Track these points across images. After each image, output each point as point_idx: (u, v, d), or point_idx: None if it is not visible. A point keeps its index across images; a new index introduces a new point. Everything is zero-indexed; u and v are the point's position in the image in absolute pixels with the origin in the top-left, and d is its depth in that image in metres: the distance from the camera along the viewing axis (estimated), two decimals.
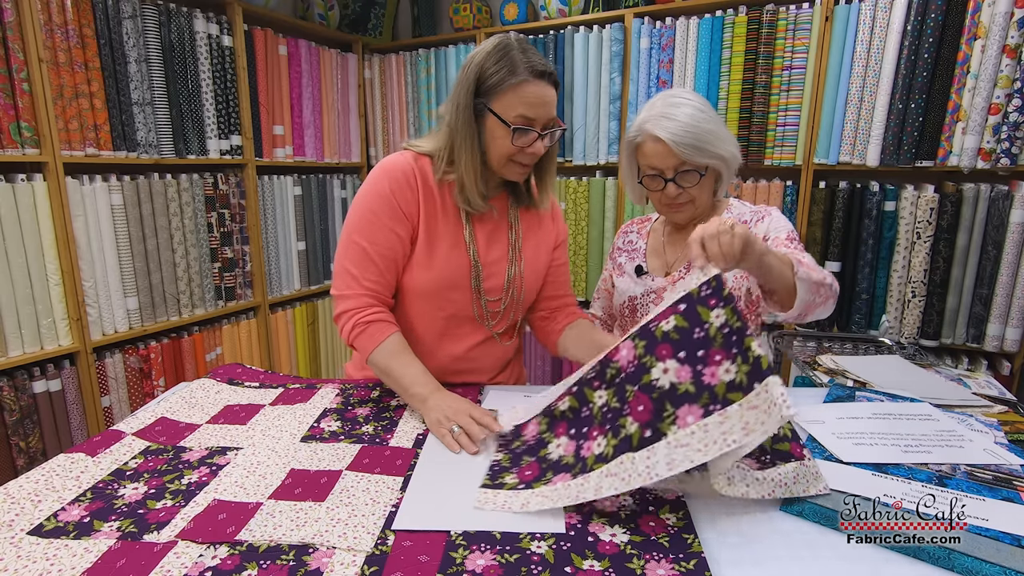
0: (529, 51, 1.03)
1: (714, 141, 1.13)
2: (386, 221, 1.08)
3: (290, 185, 2.75)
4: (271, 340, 2.71)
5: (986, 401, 1.18)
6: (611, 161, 2.61)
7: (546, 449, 0.87)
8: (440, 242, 1.12)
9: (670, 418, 0.73)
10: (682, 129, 1.11)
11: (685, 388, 0.74)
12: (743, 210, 1.26)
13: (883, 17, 2.05)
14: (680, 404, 0.73)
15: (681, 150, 1.11)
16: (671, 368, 0.76)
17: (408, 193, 1.09)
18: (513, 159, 1.07)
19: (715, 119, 1.16)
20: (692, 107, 1.13)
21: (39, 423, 1.90)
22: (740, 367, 0.73)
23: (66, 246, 1.89)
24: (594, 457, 0.78)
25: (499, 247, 1.18)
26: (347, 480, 0.83)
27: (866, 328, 2.26)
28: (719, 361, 0.74)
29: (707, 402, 0.73)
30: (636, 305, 1.30)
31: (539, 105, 1.03)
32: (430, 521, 0.73)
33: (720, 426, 0.70)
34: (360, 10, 3.04)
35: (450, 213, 1.13)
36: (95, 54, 1.93)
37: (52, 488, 0.80)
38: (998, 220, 1.99)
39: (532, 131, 1.04)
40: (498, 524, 0.72)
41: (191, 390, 1.14)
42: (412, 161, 1.11)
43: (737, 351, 0.73)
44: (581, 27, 2.56)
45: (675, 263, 1.28)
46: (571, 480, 0.77)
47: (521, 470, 0.83)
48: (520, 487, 0.79)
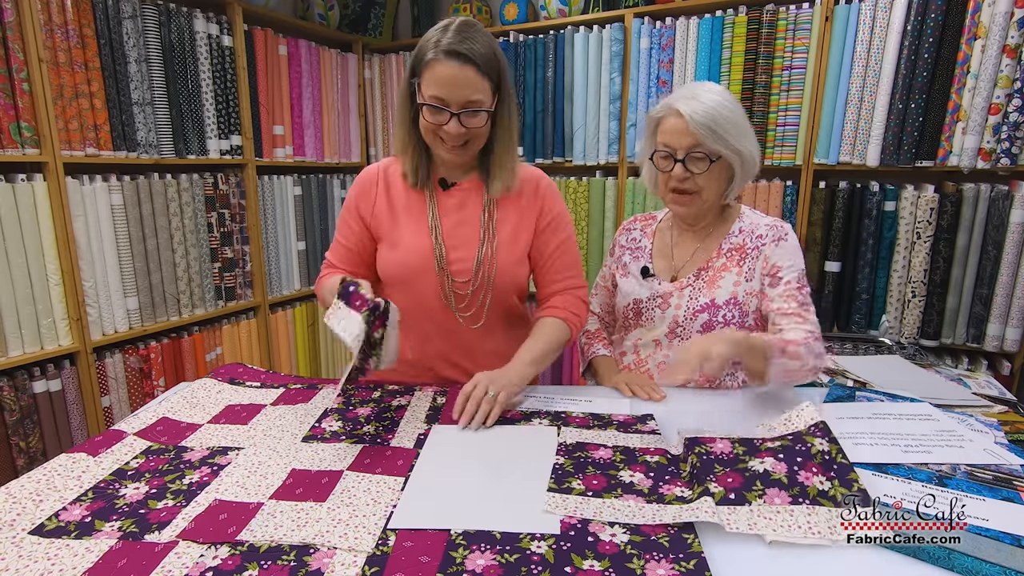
0: (465, 32, 1.03)
1: (733, 132, 1.13)
2: (350, 222, 1.24)
3: (290, 185, 2.76)
4: (271, 340, 2.71)
5: (986, 401, 1.18)
6: (611, 161, 2.61)
7: (616, 471, 0.84)
8: (404, 231, 1.19)
9: (759, 492, 0.75)
10: (704, 110, 1.11)
11: (778, 477, 0.77)
12: (756, 220, 1.24)
13: (883, 17, 2.05)
14: (771, 486, 0.76)
15: (698, 129, 1.11)
16: (768, 463, 0.80)
17: (364, 195, 1.22)
18: (437, 137, 1.10)
19: (740, 115, 1.16)
20: (721, 96, 1.14)
21: (39, 423, 1.90)
22: (836, 487, 0.74)
23: (66, 246, 1.89)
24: (673, 496, 0.77)
25: (468, 229, 1.18)
26: (348, 480, 0.83)
27: (866, 328, 2.26)
28: (816, 472, 0.77)
29: (797, 494, 0.74)
30: (641, 309, 1.27)
31: (447, 85, 1.03)
32: (428, 520, 0.73)
33: (807, 517, 0.71)
34: (360, 10, 3.04)
35: (415, 205, 1.20)
36: (95, 54, 1.93)
37: (53, 488, 0.80)
38: (998, 220, 1.99)
39: (444, 111, 1.05)
40: (497, 524, 0.72)
41: (192, 390, 1.14)
42: (383, 167, 1.23)
43: (836, 476, 0.76)
44: (581, 27, 2.56)
45: (683, 268, 1.26)
46: (645, 504, 0.76)
47: (588, 478, 0.82)
48: (589, 494, 0.78)
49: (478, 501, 0.78)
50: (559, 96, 2.66)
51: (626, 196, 2.61)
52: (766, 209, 2.36)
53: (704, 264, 1.24)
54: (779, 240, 1.19)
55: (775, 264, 1.18)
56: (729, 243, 1.23)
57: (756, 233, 1.22)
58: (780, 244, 1.19)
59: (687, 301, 1.22)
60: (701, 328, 1.20)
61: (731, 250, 1.23)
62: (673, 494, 0.78)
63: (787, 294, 1.15)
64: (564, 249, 1.24)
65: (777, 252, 1.18)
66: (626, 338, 1.32)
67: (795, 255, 1.19)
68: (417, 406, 1.08)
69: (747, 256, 1.21)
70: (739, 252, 1.22)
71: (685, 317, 1.21)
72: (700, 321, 1.20)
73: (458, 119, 1.05)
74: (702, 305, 1.20)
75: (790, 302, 1.14)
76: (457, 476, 0.85)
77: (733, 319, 1.19)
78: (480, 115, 1.07)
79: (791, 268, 1.17)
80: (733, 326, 1.19)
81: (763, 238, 1.20)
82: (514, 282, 1.21)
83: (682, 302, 1.22)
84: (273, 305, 2.73)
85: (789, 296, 1.14)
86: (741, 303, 1.19)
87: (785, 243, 1.19)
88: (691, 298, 1.22)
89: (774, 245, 1.19)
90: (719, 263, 1.22)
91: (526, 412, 1.05)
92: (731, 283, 1.20)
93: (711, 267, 1.23)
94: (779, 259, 1.18)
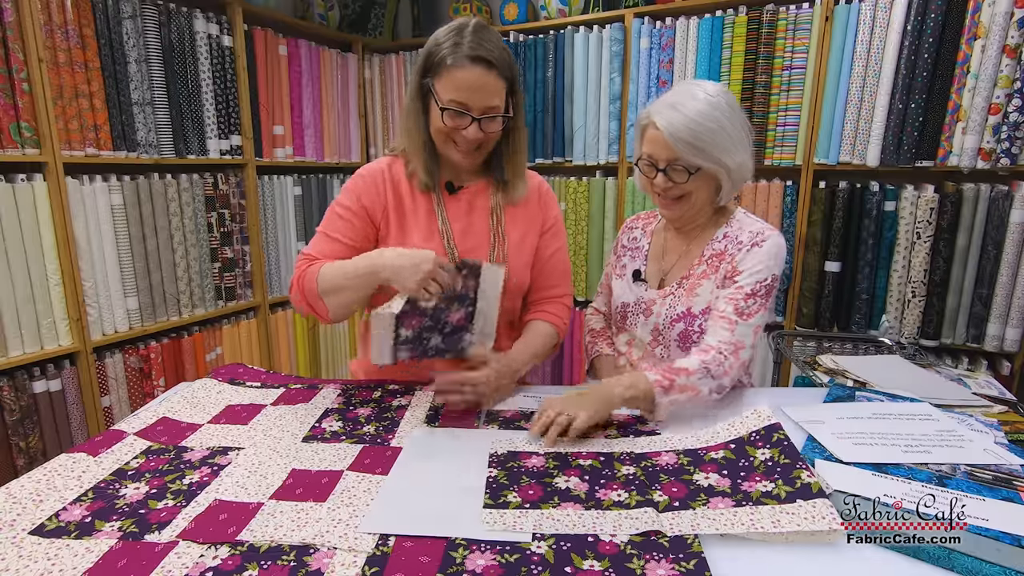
0: (481, 35, 1.02)
1: (718, 144, 1.07)
2: (343, 212, 1.14)
3: (290, 185, 2.76)
4: (271, 340, 2.71)
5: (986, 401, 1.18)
6: (611, 161, 2.61)
7: (552, 478, 0.83)
8: (411, 237, 1.14)
9: (702, 502, 0.76)
10: (684, 125, 1.06)
11: (722, 489, 0.78)
12: (744, 226, 1.18)
13: (883, 17, 2.05)
14: (714, 496, 0.77)
15: (676, 144, 1.07)
16: (712, 478, 0.81)
17: (374, 191, 1.14)
18: (450, 140, 1.08)
19: (729, 123, 1.08)
20: (707, 104, 1.07)
21: (39, 423, 1.90)
22: (780, 486, 0.76)
23: (66, 246, 1.89)
24: (611, 501, 0.77)
25: (478, 234, 1.17)
26: (348, 480, 0.83)
27: (866, 328, 2.26)
28: (759, 480, 0.79)
29: (740, 499, 0.76)
30: (627, 313, 1.26)
31: (470, 90, 1.02)
32: (399, 526, 0.72)
33: (749, 515, 0.72)
34: (360, 10, 3.04)
35: (422, 209, 1.15)
36: (95, 54, 1.93)
37: (54, 488, 0.80)
38: (998, 220, 1.99)
39: (465, 115, 1.03)
40: (463, 531, 0.71)
41: (193, 390, 1.14)
42: (386, 166, 1.17)
43: (780, 477, 0.78)
44: (581, 27, 2.56)
45: (670, 271, 1.23)
46: (583, 510, 0.75)
47: (523, 489, 0.80)
48: (526, 507, 0.76)
49: (442, 507, 0.77)
50: (559, 96, 2.66)
51: (626, 196, 2.61)
52: (766, 209, 2.36)
53: (687, 271, 1.20)
54: (753, 245, 1.13)
55: (736, 267, 1.13)
56: (711, 249, 1.19)
57: (738, 239, 1.16)
58: (752, 249, 1.13)
59: (667, 309, 1.19)
60: (678, 337, 1.17)
61: (712, 256, 1.18)
62: (610, 499, 0.77)
63: (730, 297, 1.11)
64: (560, 256, 1.26)
65: (746, 257, 1.13)
66: (619, 338, 1.32)
67: (764, 261, 1.11)
68: (417, 406, 1.08)
69: (723, 263, 1.16)
70: (718, 259, 1.17)
71: (664, 326, 1.19)
72: (677, 330, 1.17)
73: (478, 124, 1.04)
74: (679, 314, 1.17)
75: (728, 306, 1.10)
76: (432, 479, 0.84)
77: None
78: (498, 120, 1.06)
79: (751, 273, 1.11)
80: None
81: (743, 244, 1.15)
82: (521, 286, 1.21)
83: (662, 310, 1.20)
84: (273, 305, 2.72)
85: (731, 299, 1.10)
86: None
87: (758, 249, 1.12)
88: (671, 306, 1.19)
89: (746, 250, 1.13)
90: (699, 270, 1.18)
91: (524, 412, 1.05)
92: (708, 291, 1.15)
93: (692, 274, 1.19)
94: (743, 263, 1.13)
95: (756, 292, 1.10)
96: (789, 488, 0.75)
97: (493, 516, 0.74)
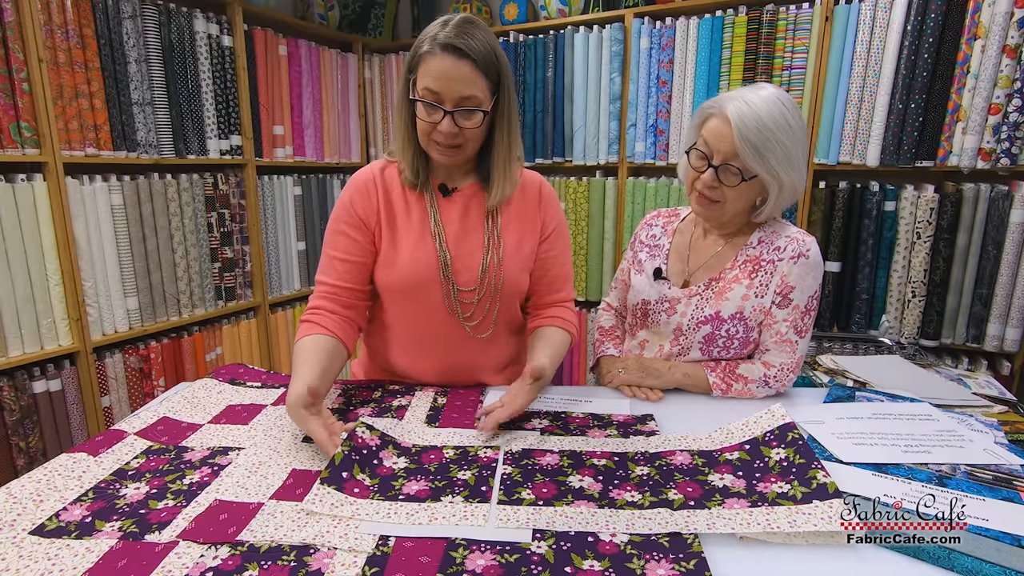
0: (464, 28, 0.99)
1: (779, 155, 1.04)
2: (345, 228, 1.13)
3: (290, 185, 2.76)
4: (271, 340, 2.71)
5: (986, 401, 1.18)
6: (611, 161, 2.61)
7: (566, 477, 0.83)
8: (405, 240, 1.12)
9: (718, 502, 0.76)
10: (755, 124, 1.02)
11: (737, 490, 0.79)
12: (779, 231, 1.16)
13: (883, 17, 2.05)
14: (730, 497, 0.77)
15: (740, 142, 1.03)
16: (727, 479, 0.82)
17: (365, 198, 1.14)
18: (430, 138, 1.05)
19: (796, 138, 1.06)
20: (780, 114, 1.04)
21: (39, 423, 1.90)
22: (796, 487, 0.76)
23: (66, 246, 1.89)
24: (624, 501, 0.77)
25: (473, 237, 1.14)
26: None
27: (866, 328, 2.26)
28: (774, 481, 0.79)
29: (756, 500, 0.76)
30: (649, 311, 1.24)
31: (441, 78, 0.99)
32: (399, 526, 0.72)
33: (765, 516, 0.72)
34: (360, 10, 3.04)
35: (415, 211, 1.14)
36: (95, 54, 1.93)
37: (54, 488, 0.80)
38: (998, 220, 1.99)
39: (438, 108, 1.00)
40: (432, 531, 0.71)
41: (193, 390, 1.14)
42: (378, 170, 1.16)
43: (795, 478, 0.78)
44: (581, 27, 2.56)
45: (696, 272, 1.21)
46: (597, 509, 0.75)
47: (536, 486, 0.81)
48: (539, 504, 0.76)
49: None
50: (559, 96, 2.66)
51: (626, 196, 2.61)
52: None
53: (717, 273, 1.18)
54: (799, 257, 1.11)
55: (789, 284, 1.11)
56: (745, 254, 1.16)
57: (775, 245, 1.13)
58: (799, 262, 1.10)
59: (693, 310, 1.17)
60: (702, 340, 1.16)
61: (746, 261, 1.16)
62: (624, 499, 0.77)
63: (789, 319, 1.12)
64: (563, 260, 1.23)
65: (795, 271, 1.11)
66: (634, 336, 1.31)
67: (813, 275, 1.11)
68: (417, 406, 1.08)
69: (760, 270, 1.14)
70: (753, 264, 1.15)
71: (688, 326, 1.17)
72: (703, 332, 1.16)
73: (452, 118, 1.01)
74: (707, 316, 1.15)
75: (790, 329, 1.12)
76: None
77: (736, 334, 1.14)
78: (475, 116, 1.02)
79: (802, 290, 1.11)
80: (737, 341, 1.15)
81: (781, 251, 1.12)
82: (519, 290, 1.19)
83: (688, 310, 1.18)
84: (273, 305, 2.73)
85: (790, 322, 1.12)
86: (747, 319, 1.13)
87: (805, 261, 1.10)
88: (697, 307, 1.17)
89: (792, 263, 1.11)
90: (731, 274, 1.16)
91: (526, 412, 1.05)
92: (739, 296, 1.13)
93: (723, 277, 1.16)
94: (795, 279, 1.11)
95: (809, 308, 1.13)
96: (805, 489, 0.75)
97: (507, 512, 0.75)
